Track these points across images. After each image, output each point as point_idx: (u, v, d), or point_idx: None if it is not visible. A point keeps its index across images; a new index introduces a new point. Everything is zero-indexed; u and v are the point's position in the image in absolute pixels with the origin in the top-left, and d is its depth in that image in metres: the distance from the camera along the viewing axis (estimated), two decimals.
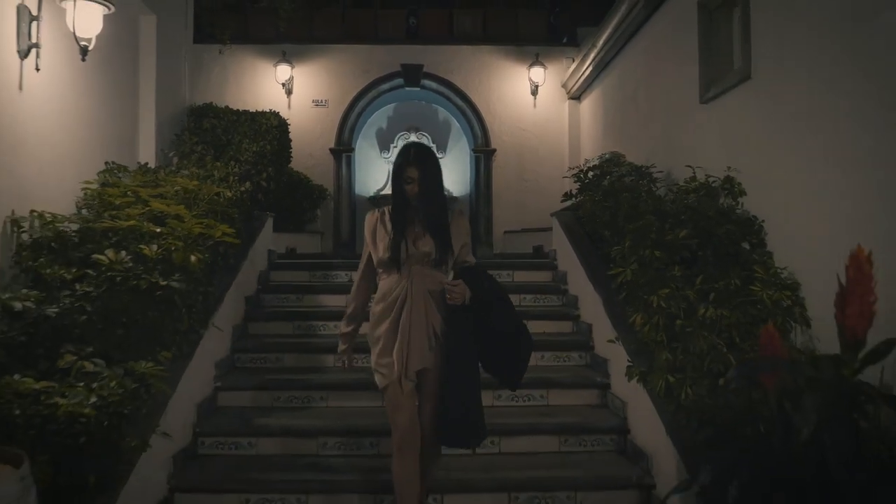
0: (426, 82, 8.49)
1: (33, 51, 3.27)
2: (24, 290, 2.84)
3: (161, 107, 5.00)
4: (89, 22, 3.34)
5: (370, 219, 2.80)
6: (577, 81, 7.94)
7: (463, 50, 8.50)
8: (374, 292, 2.80)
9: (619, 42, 6.33)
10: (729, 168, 4.04)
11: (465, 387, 2.63)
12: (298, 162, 7.43)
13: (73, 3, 3.23)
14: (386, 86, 8.48)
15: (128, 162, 4.43)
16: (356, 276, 2.88)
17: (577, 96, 8.32)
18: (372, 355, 2.72)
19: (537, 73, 8.26)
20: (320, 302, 4.95)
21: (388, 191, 8.31)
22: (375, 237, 2.74)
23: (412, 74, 8.42)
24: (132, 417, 2.62)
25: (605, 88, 7.23)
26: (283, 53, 8.17)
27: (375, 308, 2.74)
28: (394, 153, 8.88)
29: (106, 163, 4.11)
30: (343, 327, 2.85)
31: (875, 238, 2.53)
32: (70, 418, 2.36)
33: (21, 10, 3.21)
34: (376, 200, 8.37)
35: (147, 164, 4.48)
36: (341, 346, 2.87)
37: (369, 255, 2.80)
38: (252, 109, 6.56)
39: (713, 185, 4.11)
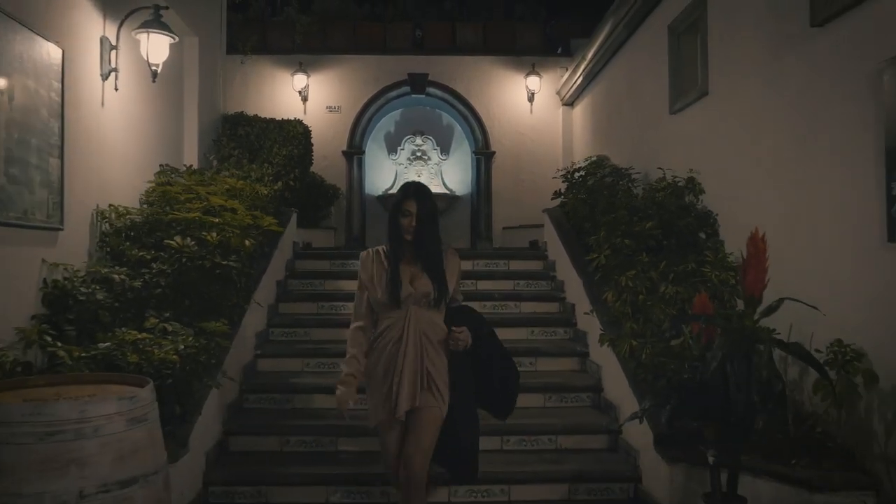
0: (431, 90, 9.19)
1: (112, 74, 3.99)
2: (116, 267, 3.56)
3: (202, 116, 5.73)
4: (158, 50, 4.06)
5: (366, 258, 2.81)
6: (569, 89, 8.65)
7: (465, 60, 9.20)
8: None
9: (606, 56, 7.03)
10: (691, 170, 4.74)
11: (472, 423, 2.82)
12: (314, 163, 8.14)
13: (146, 35, 3.95)
14: (394, 93, 9.19)
15: (176, 164, 5.15)
16: (353, 319, 2.83)
17: (570, 103, 9.03)
18: (369, 402, 2.78)
19: (533, 81, 8.96)
20: (339, 286, 5.67)
21: (394, 190, 9.08)
22: (373, 277, 2.74)
23: (418, 82, 9.13)
24: (204, 365, 3.34)
25: (595, 96, 7.94)
26: (299, 63, 8.87)
27: (374, 347, 2.76)
28: (400, 155, 9.61)
29: (160, 165, 4.83)
30: (344, 368, 2.79)
31: (791, 222, 3.25)
32: (161, 363, 3.07)
33: (104, 40, 3.93)
34: (384, 199, 9.07)
35: (192, 166, 5.20)
36: (340, 390, 2.76)
37: (367, 298, 2.78)
38: (270, 115, 7.28)
39: (678, 184, 4.82)
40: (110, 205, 3.99)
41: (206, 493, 3.54)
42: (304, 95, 8.95)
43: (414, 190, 2.77)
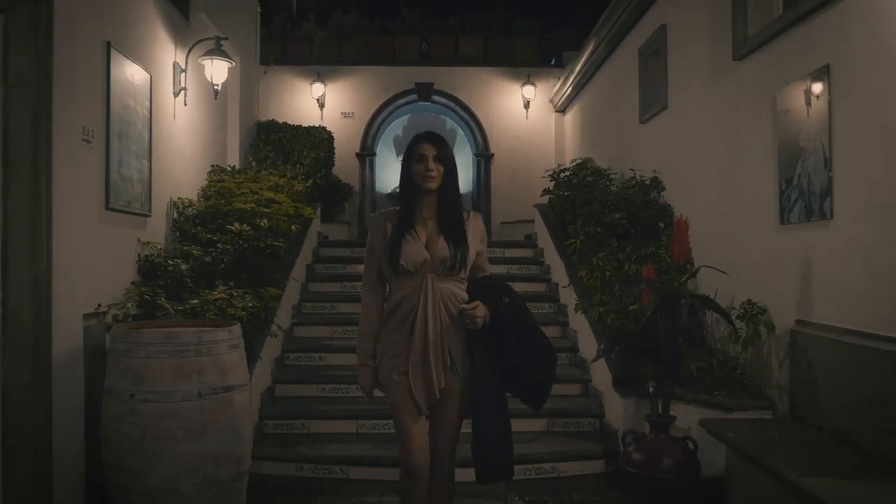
0: (436, 97, 10.15)
1: (182, 92, 4.95)
2: (192, 246, 4.52)
3: (242, 123, 6.69)
4: (219, 73, 5.02)
5: (377, 218, 2.51)
6: (561, 98, 9.60)
7: (467, 71, 10.16)
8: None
9: (591, 70, 7.98)
10: (655, 171, 5.69)
11: (498, 414, 2.42)
12: None
13: (210, 61, 4.91)
14: (402, 100, 10.14)
15: (222, 164, 6.10)
16: (362, 291, 2.54)
17: (561, 109, 9.98)
18: (380, 371, 2.47)
19: (529, 90, 9.91)
20: (359, 270, 6.60)
21: None
22: (386, 240, 2.42)
23: (424, 91, 10.09)
24: (263, 321, 4.30)
25: (583, 105, 8.89)
26: (317, 74, 9.83)
27: (387, 322, 2.47)
28: None
29: (211, 165, 5.79)
30: (360, 358, 2.51)
31: (722, 211, 4.20)
32: (233, 317, 4.03)
33: (175, 65, 4.89)
34: (393, 196, 10.02)
35: (235, 166, 6.16)
36: (363, 379, 2.52)
37: (378, 265, 2.48)
38: (292, 120, 8.27)
39: (645, 182, 5.76)
40: (179, 197, 4.94)
41: (262, 425, 4.50)
42: (322, 102, 9.90)
43: (428, 134, 2.46)
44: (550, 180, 6.90)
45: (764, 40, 3.86)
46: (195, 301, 3.91)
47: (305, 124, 7.99)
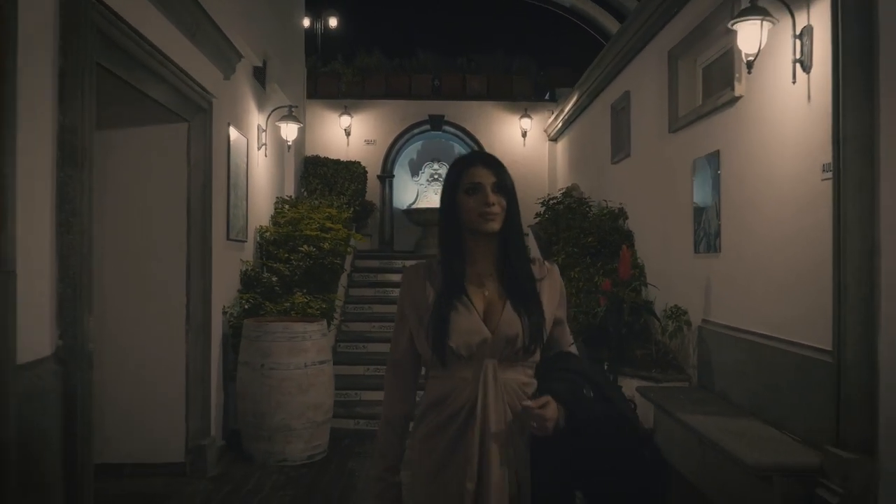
0: (446, 127, 11.80)
1: (263, 147, 6.60)
2: (272, 263, 6.17)
3: (295, 159, 8.34)
4: (291, 132, 6.67)
5: (413, 276, 1.75)
6: (554, 129, 11.25)
7: (473, 104, 11.81)
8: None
9: (576, 112, 9.63)
10: (621, 203, 7.34)
11: None
12: None
13: (286, 124, 6.57)
14: (417, 130, 11.79)
15: (282, 195, 7.76)
16: (387, 370, 1.80)
17: (554, 139, 11.63)
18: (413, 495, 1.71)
19: (526, 122, 11.56)
20: (387, 277, 8.28)
21: (419, 205, 11.76)
22: (419, 306, 1.69)
23: (436, 122, 11.74)
24: (329, 317, 5.96)
25: (570, 138, 10.55)
26: (344, 107, 11.48)
27: (422, 426, 1.71)
28: (421, 177, 12.20)
29: (276, 197, 7.44)
30: (374, 469, 1.77)
31: (664, 238, 5.87)
32: (312, 315, 5.68)
33: (259, 127, 6.54)
34: (408, 212, 11.63)
35: (291, 195, 7.81)
36: (378, 499, 1.73)
37: (410, 337, 1.73)
38: (322, 147, 9.98)
39: (614, 211, 7.42)
40: (261, 225, 6.60)
41: None
42: (348, 132, 11.55)
43: (481, 155, 1.80)
44: (542, 206, 8.54)
45: (687, 123, 5.52)
46: (287, 304, 5.57)
47: (334, 155, 9.70)
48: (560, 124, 10.73)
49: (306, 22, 11.47)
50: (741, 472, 3.51)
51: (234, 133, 5.57)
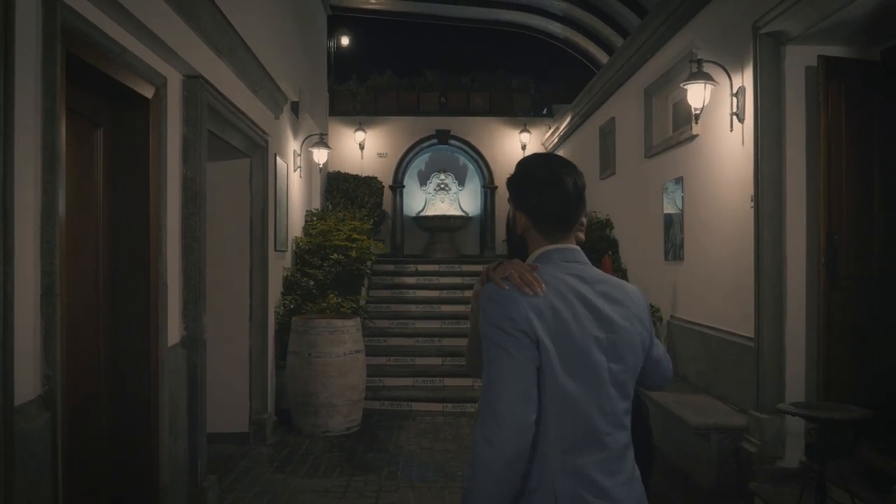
0: (452, 141, 12.86)
1: (298, 169, 7.67)
2: (307, 269, 7.24)
3: (321, 176, 9.41)
4: (321, 156, 7.74)
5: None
6: (551, 143, 12.29)
7: (476, 119, 12.87)
8: None
9: (570, 130, 10.70)
10: (608, 214, 8.41)
11: None
12: None
13: (318, 149, 7.64)
14: (425, 143, 12.85)
15: (310, 208, 8.83)
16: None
17: (551, 152, 12.69)
18: None
19: (525, 136, 12.61)
20: (402, 280, 9.36)
21: (427, 212, 12.90)
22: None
23: (442, 136, 12.80)
24: (357, 315, 7.04)
25: (566, 153, 11.59)
26: (359, 123, 12.53)
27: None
28: (429, 186, 13.22)
29: (306, 211, 8.51)
30: None
31: (642, 246, 6.95)
32: (345, 314, 6.75)
33: (294, 152, 7.61)
34: (417, 219, 12.66)
35: (317, 208, 8.87)
36: None
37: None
38: (338, 160, 11.04)
39: (602, 222, 8.48)
40: (296, 236, 7.68)
41: None
42: (362, 146, 12.60)
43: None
44: None
45: (659, 151, 6.58)
46: (324, 304, 6.64)
47: (350, 167, 10.91)
48: (556, 139, 11.78)
49: None
50: (688, 433, 4.59)
51: (278, 160, 6.64)
